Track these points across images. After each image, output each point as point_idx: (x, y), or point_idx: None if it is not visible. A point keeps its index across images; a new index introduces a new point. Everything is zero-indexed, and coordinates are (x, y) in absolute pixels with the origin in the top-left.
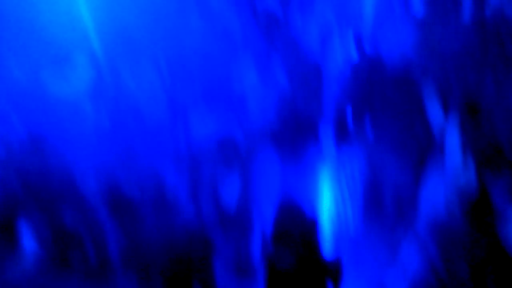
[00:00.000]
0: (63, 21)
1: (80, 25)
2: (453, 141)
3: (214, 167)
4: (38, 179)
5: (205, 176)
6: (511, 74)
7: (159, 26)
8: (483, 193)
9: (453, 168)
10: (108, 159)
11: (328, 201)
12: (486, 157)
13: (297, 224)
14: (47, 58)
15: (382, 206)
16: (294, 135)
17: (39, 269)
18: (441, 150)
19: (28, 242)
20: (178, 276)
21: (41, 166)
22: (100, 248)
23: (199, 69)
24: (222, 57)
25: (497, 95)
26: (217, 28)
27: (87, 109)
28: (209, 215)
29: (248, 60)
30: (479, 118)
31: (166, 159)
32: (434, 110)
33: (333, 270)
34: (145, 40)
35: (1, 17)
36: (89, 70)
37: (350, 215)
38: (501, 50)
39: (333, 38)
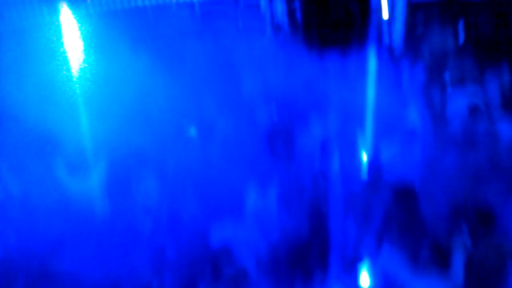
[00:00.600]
0: (75, 132)
1: (88, 136)
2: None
3: (207, 278)
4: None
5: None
6: None
7: (162, 141)
8: None
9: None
10: (107, 267)
11: None
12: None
13: None
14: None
15: None
16: (294, 260)
17: None
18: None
19: None
20: None
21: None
22: None
23: (198, 181)
24: (222, 170)
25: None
26: (218, 142)
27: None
28: None
29: (249, 174)
30: (490, 226)
31: (161, 269)
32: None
33: None
34: (151, 155)
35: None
36: (98, 180)
37: None
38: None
39: (334, 151)
